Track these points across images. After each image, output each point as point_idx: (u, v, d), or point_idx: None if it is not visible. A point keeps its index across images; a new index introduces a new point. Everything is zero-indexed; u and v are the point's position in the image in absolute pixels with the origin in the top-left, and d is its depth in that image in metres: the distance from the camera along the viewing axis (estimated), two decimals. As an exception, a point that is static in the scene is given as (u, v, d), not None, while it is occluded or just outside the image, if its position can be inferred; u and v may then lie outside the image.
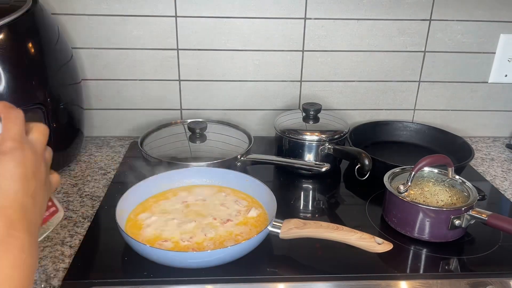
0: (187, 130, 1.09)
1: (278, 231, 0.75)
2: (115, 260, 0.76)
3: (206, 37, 1.16)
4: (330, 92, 1.25)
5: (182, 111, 1.25)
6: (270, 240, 0.79)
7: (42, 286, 0.70)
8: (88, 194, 0.97)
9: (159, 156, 0.98)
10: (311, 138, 1.04)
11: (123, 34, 1.14)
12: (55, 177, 0.54)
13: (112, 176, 1.04)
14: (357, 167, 0.95)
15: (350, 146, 1.07)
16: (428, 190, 0.87)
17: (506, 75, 1.26)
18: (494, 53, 1.24)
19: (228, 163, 0.98)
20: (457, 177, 0.88)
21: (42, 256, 0.77)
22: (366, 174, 0.94)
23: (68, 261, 0.76)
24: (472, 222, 0.81)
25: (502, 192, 1.03)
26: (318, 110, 1.10)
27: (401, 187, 0.84)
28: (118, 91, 1.21)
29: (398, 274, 0.75)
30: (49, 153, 0.53)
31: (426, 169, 0.91)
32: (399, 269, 0.77)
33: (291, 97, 1.25)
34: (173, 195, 0.89)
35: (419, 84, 1.27)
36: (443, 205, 0.83)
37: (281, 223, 0.76)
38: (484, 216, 0.79)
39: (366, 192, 0.99)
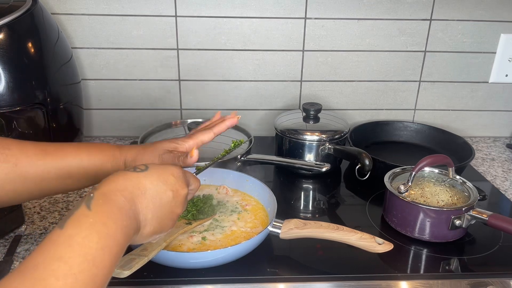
0: (187, 130, 1.09)
1: (279, 231, 0.75)
2: (115, 260, 0.76)
3: (206, 37, 1.16)
4: (330, 92, 1.25)
5: (182, 111, 1.25)
6: (270, 240, 0.79)
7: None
8: (88, 194, 0.97)
9: (159, 156, 0.98)
10: (311, 138, 1.04)
11: (123, 34, 1.14)
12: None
13: (112, 176, 1.04)
14: (357, 167, 0.95)
15: (351, 146, 1.07)
16: (428, 190, 0.86)
17: (506, 75, 1.26)
18: (495, 53, 1.24)
19: (228, 163, 0.98)
20: (458, 177, 0.88)
21: (42, 256, 0.77)
22: (367, 174, 0.94)
23: (68, 261, 0.76)
24: (473, 222, 0.81)
25: (503, 192, 1.03)
26: (318, 110, 1.09)
27: (402, 187, 0.83)
28: (118, 91, 1.20)
29: (398, 274, 0.75)
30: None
31: (427, 169, 0.90)
32: (400, 269, 0.76)
33: (291, 97, 1.25)
34: (173, 195, 0.89)
35: (419, 84, 1.27)
36: (443, 205, 0.83)
37: (282, 223, 0.76)
38: (484, 216, 0.79)
39: (367, 192, 0.99)
